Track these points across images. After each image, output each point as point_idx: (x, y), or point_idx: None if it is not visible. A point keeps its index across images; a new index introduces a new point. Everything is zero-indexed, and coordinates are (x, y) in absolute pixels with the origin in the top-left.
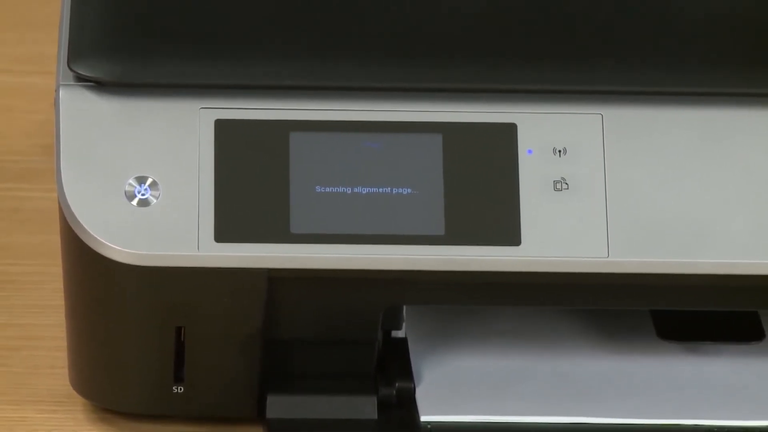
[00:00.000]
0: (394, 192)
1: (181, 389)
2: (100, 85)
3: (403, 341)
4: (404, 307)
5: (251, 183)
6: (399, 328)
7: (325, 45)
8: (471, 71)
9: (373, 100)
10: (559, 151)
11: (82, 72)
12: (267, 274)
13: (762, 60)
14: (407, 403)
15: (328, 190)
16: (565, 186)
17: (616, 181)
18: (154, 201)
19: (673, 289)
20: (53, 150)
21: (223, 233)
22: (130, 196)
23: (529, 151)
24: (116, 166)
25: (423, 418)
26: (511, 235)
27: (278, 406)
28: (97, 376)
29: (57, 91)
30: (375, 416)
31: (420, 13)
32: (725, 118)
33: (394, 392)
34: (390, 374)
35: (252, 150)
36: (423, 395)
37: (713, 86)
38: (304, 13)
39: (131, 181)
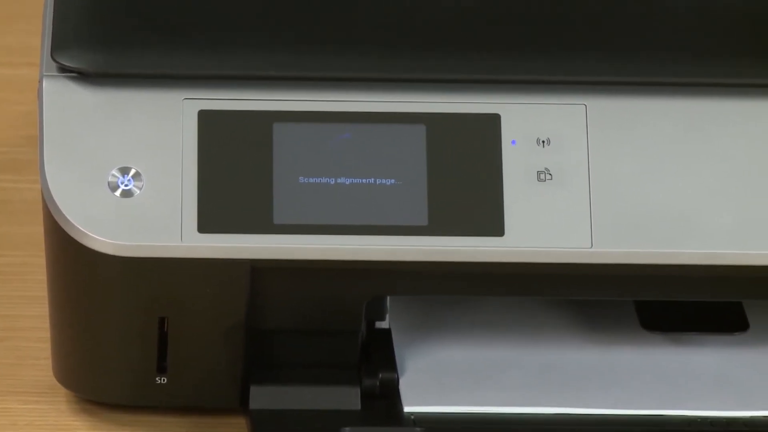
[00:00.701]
0: (377, 183)
1: (164, 380)
2: (83, 76)
3: (387, 332)
4: (388, 298)
5: (234, 174)
6: (383, 318)
7: (309, 36)
8: (454, 61)
9: (357, 91)
10: (543, 142)
11: (65, 63)
12: (250, 264)
13: (747, 51)
14: (391, 394)
15: (311, 180)
16: (548, 177)
17: (600, 171)
18: (137, 192)
19: (656, 279)
20: None
21: (206, 224)
22: (114, 187)
23: (513, 142)
24: (99, 157)
25: (406, 409)
26: (494, 226)
27: (261, 397)
28: (80, 367)
29: (40, 81)
30: (358, 407)
31: (403, 3)
32: (710, 109)
33: (378, 383)
34: (373, 365)
35: (235, 141)
36: (406, 386)
37: (698, 77)
38: (286, 3)
39: (114, 171)
